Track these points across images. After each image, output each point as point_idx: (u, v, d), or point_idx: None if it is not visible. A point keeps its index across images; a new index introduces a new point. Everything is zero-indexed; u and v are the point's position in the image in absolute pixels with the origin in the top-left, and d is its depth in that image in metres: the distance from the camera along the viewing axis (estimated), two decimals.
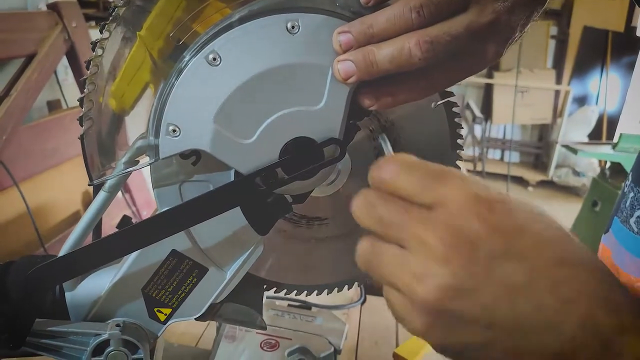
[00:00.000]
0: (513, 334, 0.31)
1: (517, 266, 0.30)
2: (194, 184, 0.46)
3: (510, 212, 0.32)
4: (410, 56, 0.38)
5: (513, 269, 0.30)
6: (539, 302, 0.30)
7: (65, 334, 0.48)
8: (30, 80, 1.67)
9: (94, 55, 0.42)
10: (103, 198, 0.47)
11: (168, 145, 0.42)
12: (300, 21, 0.40)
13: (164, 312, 0.49)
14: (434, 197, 0.32)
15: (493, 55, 0.42)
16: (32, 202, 1.61)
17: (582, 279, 0.31)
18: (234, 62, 0.41)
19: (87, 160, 0.44)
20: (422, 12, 0.38)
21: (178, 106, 0.41)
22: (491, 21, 0.39)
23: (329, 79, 0.42)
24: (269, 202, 0.46)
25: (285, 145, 0.43)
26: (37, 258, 0.49)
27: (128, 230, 0.43)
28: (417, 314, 0.32)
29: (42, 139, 1.75)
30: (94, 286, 0.49)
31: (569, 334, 0.30)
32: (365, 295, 1.10)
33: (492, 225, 0.31)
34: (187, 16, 0.42)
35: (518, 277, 0.30)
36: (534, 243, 0.31)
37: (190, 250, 0.47)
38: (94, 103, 0.43)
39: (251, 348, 0.77)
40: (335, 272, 0.56)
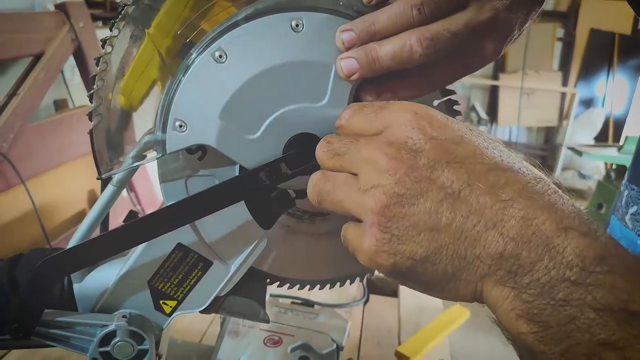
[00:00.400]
0: (457, 238, 0.31)
1: (456, 172, 0.32)
2: (200, 178, 0.47)
3: (449, 125, 0.35)
4: (411, 53, 0.39)
5: (452, 175, 0.32)
6: (478, 204, 0.31)
7: (73, 325, 0.49)
8: (38, 80, 1.69)
9: (103, 53, 0.43)
10: (111, 192, 0.48)
11: (175, 140, 0.43)
12: (305, 20, 0.41)
13: (169, 304, 0.50)
14: (380, 123, 0.36)
15: (492, 52, 0.42)
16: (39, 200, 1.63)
17: (521, 182, 0.32)
18: (240, 59, 0.42)
19: (96, 155, 0.45)
20: (422, 9, 0.39)
21: (185, 102, 0.42)
22: (490, 18, 0.40)
23: (332, 76, 0.42)
24: (272, 196, 0.47)
25: (289, 141, 0.44)
26: (46, 251, 0.50)
27: (135, 223, 0.44)
28: (368, 233, 0.34)
29: (48, 138, 1.77)
30: (102, 278, 0.50)
31: (510, 233, 0.30)
32: (368, 295, 1.11)
33: (432, 136, 0.34)
34: (194, 15, 0.43)
35: (457, 182, 0.32)
36: (472, 151, 0.33)
37: (195, 244, 0.48)
38: (102, 99, 0.44)
39: (254, 344, 0.78)
40: (337, 267, 0.57)
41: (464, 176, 0.32)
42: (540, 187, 0.32)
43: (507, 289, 0.30)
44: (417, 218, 0.32)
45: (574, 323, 0.28)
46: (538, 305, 0.29)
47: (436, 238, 0.32)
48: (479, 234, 0.31)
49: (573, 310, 0.28)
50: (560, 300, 0.28)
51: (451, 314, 1.04)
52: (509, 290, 0.30)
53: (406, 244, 0.33)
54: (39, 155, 1.72)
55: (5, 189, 1.56)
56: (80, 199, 1.95)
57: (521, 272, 0.30)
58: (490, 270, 0.31)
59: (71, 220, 1.88)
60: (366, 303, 1.09)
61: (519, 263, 0.30)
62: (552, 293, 0.28)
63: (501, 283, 0.31)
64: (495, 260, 0.30)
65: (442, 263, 0.32)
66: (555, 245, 0.29)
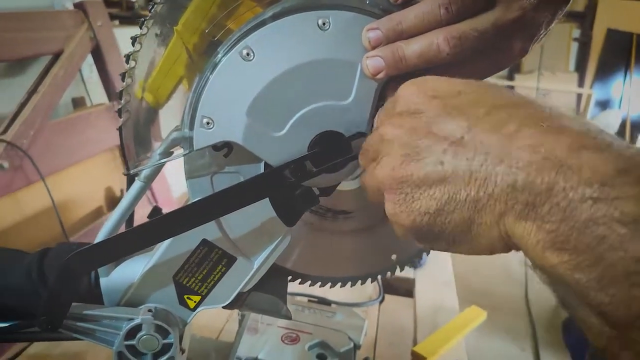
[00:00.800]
0: (467, 183, 0.31)
1: (456, 120, 0.32)
2: (225, 175, 0.47)
3: (447, 82, 0.35)
4: (438, 51, 0.39)
5: (453, 124, 0.32)
6: (481, 144, 0.31)
7: (100, 318, 0.50)
8: (57, 78, 1.71)
9: (133, 50, 0.44)
10: (138, 187, 0.49)
11: (202, 137, 0.43)
12: (331, 18, 0.42)
13: (193, 299, 0.51)
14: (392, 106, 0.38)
15: (519, 51, 0.42)
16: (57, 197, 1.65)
17: (523, 115, 0.31)
18: (267, 57, 0.42)
19: (125, 151, 0.46)
20: (450, 8, 0.39)
21: (212, 99, 0.43)
22: (517, 17, 0.39)
23: (357, 74, 0.43)
24: (296, 194, 0.47)
25: (314, 139, 0.44)
26: (73, 245, 0.51)
27: (162, 218, 0.45)
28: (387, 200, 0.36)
29: (67, 135, 1.79)
30: (128, 272, 0.50)
31: (519, 164, 0.29)
32: (383, 294, 1.11)
33: (430, 95, 0.34)
34: (221, 13, 0.44)
35: (459, 129, 0.32)
36: (472, 98, 0.33)
37: (220, 240, 0.49)
38: (131, 96, 0.45)
39: (272, 341, 0.79)
40: (359, 265, 0.57)
41: (464, 122, 0.32)
42: (547, 114, 0.31)
43: (529, 223, 0.29)
44: (424, 173, 0.33)
45: (604, 242, 0.26)
46: (563, 232, 0.27)
47: (446, 188, 0.32)
48: (488, 171, 0.30)
49: (601, 230, 0.26)
50: (586, 221, 0.26)
51: (468, 315, 1.04)
52: (531, 223, 0.29)
53: (420, 200, 0.33)
54: (58, 152, 1.74)
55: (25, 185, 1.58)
56: (98, 196, 1.97)
57: (538, 201, 0.28)
58: (507, 206, 0.30)
59: (89, 216, 1.90)
60: (382, 302, 1.09)
61: (534, 192, 0.28)
62: (575, 216, 0.27)
63: (521, 217, 0.29)
64: (509, 194, 0.29)
65: (458, 210, 0.32)
66: (570, 166, 0.27)
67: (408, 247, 0.56)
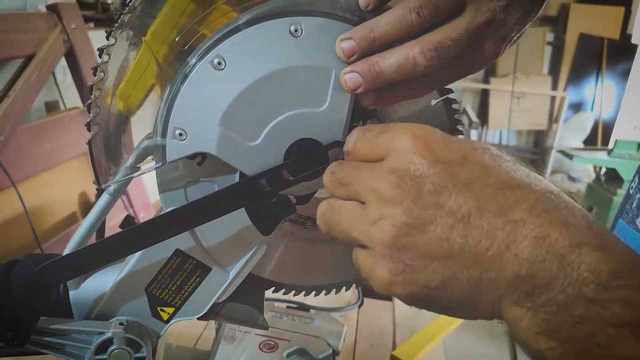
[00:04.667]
0: (472, 263, 0.31)
1: (464, 195, 0.32)
2: (200, 184, 0.47)
3: (451, 146, 0.34)
4: (415, 64, 0.39)
5: (460, 199, 0.32)
6: (489, 227, 0.31)
7: (69, 332, 0.48)
8: (29, 81, 1.67)
9: (100, 62, 0.43)
10: (107, 200, 0.48)
11: (175, 149, 0.42)
12: (303, 24, 0.41)
13: (167, 311, 0.50)
14: (381, 148, 0.35)
15: (491, 54, 0.43)
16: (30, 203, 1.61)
17: (531, 200, 0.31)
18: (239, 65, 0.41)
19: (95, 165, 0.45)
20: (421, 12, 0.39)
21: (184, 110, 0.42)
22: (488, 19, 0.40)
23: (332, 81, 0.42)
24: (273, 202, 0.46)
25: (290, 147, 0.44)
26: (41, 257, 0.49)
27: (133, 229, 0.44)
28: (380, 264, 0.34)
29: (40, 140, 1.75)
30: (98, 285, 0.49)
31: (524, 254, 0.30)
32: (362, 298, 1.11)
33: (434, 160, 0.33)
34: (191, 23, 0.43)
35: (466, 206, 0.31)
36: (478, 171, 0.32)
37: (194, 250, 0.48)
38: (101, 108, 0.44)
39: (250, 349, 0.78)
40: (338, 272, 0.57)
41: (472, 200, 0.31)
42: (551, 203, 0.31)
43: (525, 309, 0.30)
44: (428, 246, 0.32)
45: (593, 339, 0.28)
46: (556, 323, 0.29)
47: (450, 265, 0.32)
48: (493, 257, 0.30)
49: (591, 327, 0.28)
50: (578, 317, 0.28)
51: (446, 317, 1.04)
52: (527, 310, 0.30)
53: (420, 273, 0.32)
54: (30, 157, 1.70)
55: None
56: (72, 202, 1.93)
57: (537, 292, 0.29)
58: (507, 291, 0.31)
59: (62, 223, 1.86)
60: (361, 306, 1.09)
61: (535, 283, 0.29)
62: (569, 310, 0.28)
63: (518, 303, 0.30)
64: (511, 282, 0.30)
65: (459, 289, 0.32)
66: (570, 262, 0.29)
67: None
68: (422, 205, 0.32)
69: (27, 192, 1.61)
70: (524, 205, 0.31)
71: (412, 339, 0.96)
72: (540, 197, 0.31)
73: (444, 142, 0.34)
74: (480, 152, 0.34)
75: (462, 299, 0.32)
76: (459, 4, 0.40)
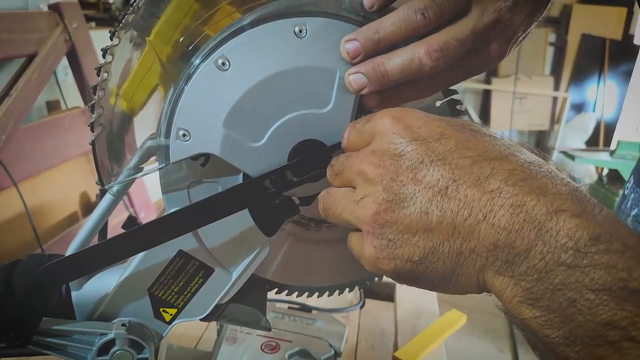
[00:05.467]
0: (451, 235, 0.32)
1: (441, 169, 0.32)
2: (203, 185, 0.46)
3: (429, 123, 0.35)
4: (420, 65, 0.39)
5: (437, 173, 0.32)
6: (466, 198, 0.31)
7: (71, 333, 0.48)
8: (31, 81, 1.67)
9: (104, 62, 0.43)
10: (110, 201, 0.47)
11: (178, 149, 0.42)
12: (308, 25, 0.41)
13: (169, 312, 0.50)
14: (367, 134, 0.37)
15: (497, 54, 0.43)
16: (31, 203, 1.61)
17: (507, 170, 0.31)
18: (243, 66, 0.41)
19: (98, 165, 0.45)
20: (426, 13, 0.39)
21: (188, 111, 0.42)
22: (494, 20, 0.40)
23: (336, 81, 0.42)
24: (276, 204, 0.46)
25: (294, 148, 0.43)
26: (44, 257, 0.49)
27: (136, 230, 0.44)
28: (366, 242, 0.35)
29: (41, 139, 1.75)
30: (100, 285, 0.49)
31: (501, 223, 0.30)
32: (364, 299, 1.10)
33: (413, 138, 0.34)
34: (195, 23, 0.43)
35: (443, 179, 0.32)
36: (454, 145, 0.33)
37: (197, 251, 0.48)
38: (104, 109, 0.44)
39: (252, 350, 0.78)
40: (342, 274, 0.56)
41: (448, 173, 0.32)
42: (529, 172, 0.31)
43: (507, 278, 0.30)
44: (408, 220, 0.33)
45: (574, 306, 0.28)
46: (537, 291, 0.29)
47: (430, 237, 0.32)
48: (471, 227, 0.31)
49: (572, 293, 0.28)
50: (559, 284, 0.28)
51: (448, 318, 1.04)
52: (508, 279, 0.30)
53: (402, 247, 0.33)
54: (31, 157, 1.70)
55: None
56: (73, 201, 1.93)
57: (517, 261, 0.30)
58: (488, 261, 0.31)
59: (63, 222, 1.86)
60: (362, 307, 1.09)
61: (514, 252, 0.30)
62: (549, 278, 0.28)
63: (500, 273, 0.31)
64: (490, 252, 0.31)
65: (441, 261, 0.33)
66: (548, 229, 0.29)
67: None
68: (400, 181, 0.33)
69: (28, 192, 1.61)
70: (500, 175, 0.31)
71: (413, 340, 0.96)
72: (518, 167, 0.32)
73: (423, 120, 0.35)
74: (458, 128, 0.35)
75: (446, 271, 0.33)
76: (465, 5, 0.39)
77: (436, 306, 1.09)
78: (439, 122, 0.35)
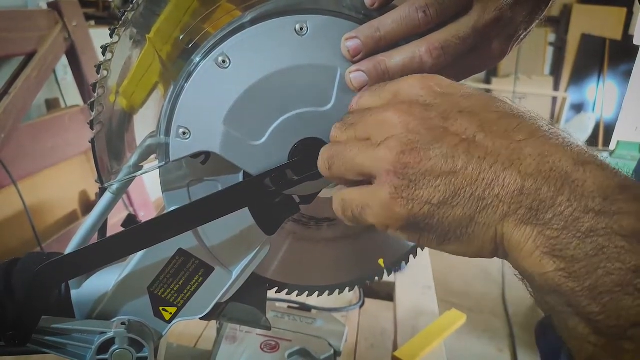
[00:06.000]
0: (475, 180, 0.31)
1: (469, 119, 0.33)
2: (203, 183, 0.46)
3: (456, 85, 0.36)
4: (421, 63, 0.39)
5: (466, 122, 0.33)
6: (493, 146, 0.31)
7: (71, 332, 0.48)
8: (30, 79, 1.67)
9: (104, 60, 0.43)
10: (109, 199, 0.47)
11: (178, 147, 0.42)
12: (309, 23, 0.41)
13: (169, 311, 0.50)
14: (389, 92, 0.37)
15: (498, 53, 0.43)
16: (30, 201, 1.61)
17: (533, 126, 0.32)
18: (244, 64, 0.41)
19: (98, 163, 0.44)
20: (428, 12, 0.39)
21: (188, 109, 0.41)
22: (495, 18, 0.40)
23: (337, 80, 0.42)
24: (276, 202, 0.46)
25: (294, 146, 0.43)
26: (43, 255, 0.49)
27: (136, 229, 0.43)
28: (382, 184, 0.34)
29: (40, 137, 1.75)
30: (100, 284, 0.49)
31: (528, 170, 0.30)
32: (364, 299, 1.10)
33: (442, 93, 0.35)
34: (194, 21, 0.42)
35: (471, 128, 0.32)
36: (482, 102, 0.34)
37: (197, 249, 0.48)
38: (104, 107, 0.43)
39: (251, 349, 0.78)
40: (342, 273, 0.56)
41: (476, 123, 0.32)
42: (552, 131, 0.32)
43: (530, 227, 0.30)
44: (433, 162, 0.32)
45: (603, 252, 0.27)
46: (564, 240, 0.28)
47: (453, 181, 0.31)
48: (497, 173, 0.30)
49: (601, 240, 0.27)
50: (587, 231, 0.27)
51: (447, 318, 1.04)
52: (532, 228, 0.29)
53: (423, 189, 0.32)
54: (31, 155, 1.70)
55: None
56: (72, 200, 1.93)
57: (543, 208, 0.29)
58: (511, 209, 0.30)
59: (62, 221, 1.86)
60: (362, 307, 1.09)
61: (540, 198, 0.29)
62: (577, 225, 0.28)
63: (523, 222, 0.30)
64: (515, 198, 0.30)
65: (460, 206, 0.32)
66: (575, 179, 0.29)
67: (394, 251, 0.56)
68: (428, 126, 0.33)
69: (27, 190, 1.61)
70: (526, 129, 0.32)
71: (413, 339, 0.96)
72: (542, 127, 0.32)
73: (449, 81, 0.36)
74: (481, 92, 0.36)
75: (464, 218, 0.32)
76: (466, 3, 0.39)
77: (436, 306, 1.09)
78: (466, 86, 0.36)
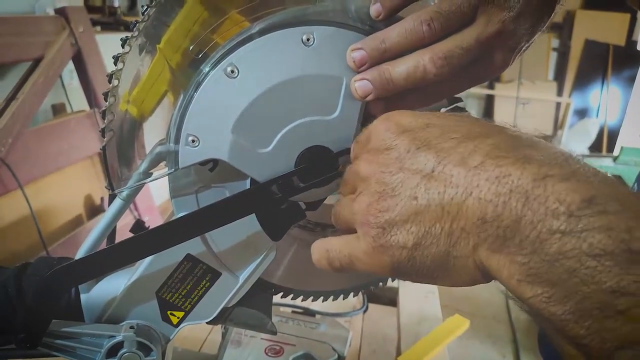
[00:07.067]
0: (440, 216, 0.31)
1: (426, 154, 0.33)
2: (211, 190, 0.47)
3: (417, 116, 0.36)
4: (425, 72, 0.40)
5: (423, 158, 0.33)
6: (451, 177, 0.31)
7: (80, 335, 0.49)
8: (37, 84, 1.69)
9: (115, 69, 0.44)
10: (119, 205, 0.48)
11: (187, 155, 0.43)
12: (315, 34, 0.42)
13: (176, 315, 0.50)
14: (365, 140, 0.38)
15: (501, 64, 0.43)
16: (36, 205, 1.62)
17: (490, 144, 0.31)
18: (251, 74, 0.42)
19: (109, 170, 0.45)
20: (432, 24, 0.40)
21: (197, 118, 0.42)
22: (498, 30, 0.40)
23: (342, 89, 0.43)
24: (283, 208, 0.47)
25: (301, 154, 0.44)
26: (53, 260, 0.50)
27: (145, 234, 0.44)
28: (362, 235, 0.35)
29: (46, 142, 1.77)
30: (109, 288, 0.50)
31: (487, 196, 0.29)
32: (367, 304, 1.11)
33: (400, 131, 0.35)
34: (204, 32, 0.44)
35: (429, 163, 0.32)
36: (439, 131, 0.34)
37: (204, 255, 0.48)
38: (114, 115, 0.44)
39: (256, 353, 0.78)
40: (347, 279, 0.57)
41: (433, 156, 0.32)
42: (512, 145, 0.31)
43: (502, 256, 0.29)
44: (400, 207, 0.33)
45: (575, 275, 0.25)
46: (535, 265, 0.27)
47: (422, 221, 0.32)
48: (459, 205, 0.30)
49: (571, 262, 0.25)
50: (555, 254, 0.26)
51: (450, 323, 1.04)
52: (503, 256, 0.29)
53: (397, 234, 0.33)
54: (37, 159, 1.71)
55: (3, 193, 1.55)
56: (78, 204, 1.94)
57: (509, 234, 0.28)
58: (480, 239, 0.30)
59: (68, 225, 1.87)
60: (365, 312, 1.09)
61: (503, 225, 0.28)
62: (544, 248, 0.26)
63: (494, 250, 0.29)
64: (480, 227, 0.29)
65: (434, 245, 0.32)
66: (536, 197, 0.27)
67: None
68: (390, 172, 0.34)
69: (33, 194, 1.62)
70: (482, 150, 0.31)
71: (416, 344, 0.96)
72: (502, 141, 0.31)
73: (411, 115, 0.36)
74: (444, 116, 0.36)
75: (440, 256, 0.32)
76: (470, 16, 0.40)
77: (439, 311, 1.09)
78: (426, 115, 0.36)
